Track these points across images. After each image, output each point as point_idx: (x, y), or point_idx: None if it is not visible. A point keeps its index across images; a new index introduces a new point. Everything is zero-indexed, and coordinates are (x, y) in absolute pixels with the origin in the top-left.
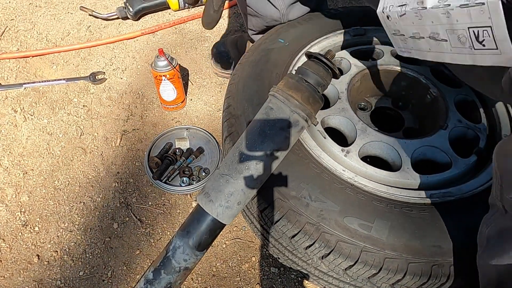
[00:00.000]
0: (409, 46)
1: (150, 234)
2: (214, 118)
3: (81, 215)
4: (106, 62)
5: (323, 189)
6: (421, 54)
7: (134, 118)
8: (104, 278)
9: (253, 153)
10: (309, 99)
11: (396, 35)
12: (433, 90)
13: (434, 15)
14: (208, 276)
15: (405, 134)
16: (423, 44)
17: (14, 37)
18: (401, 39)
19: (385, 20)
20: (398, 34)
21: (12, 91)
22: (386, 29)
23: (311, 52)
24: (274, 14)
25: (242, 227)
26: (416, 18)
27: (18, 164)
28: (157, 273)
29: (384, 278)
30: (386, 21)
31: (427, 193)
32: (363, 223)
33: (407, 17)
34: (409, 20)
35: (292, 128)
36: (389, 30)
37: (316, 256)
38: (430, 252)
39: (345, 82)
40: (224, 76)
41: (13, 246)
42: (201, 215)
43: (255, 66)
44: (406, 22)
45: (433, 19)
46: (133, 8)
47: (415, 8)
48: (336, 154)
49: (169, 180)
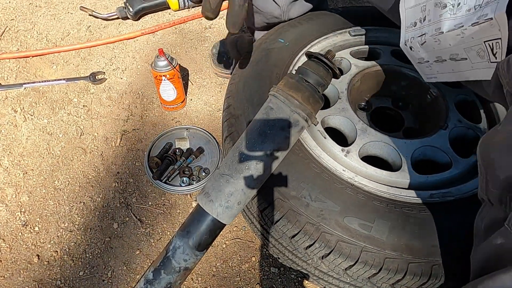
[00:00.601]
0: (434, 71)
1: (150, 234)
2: (214, 118)
3: (81, 215)
4: (106, 62)
5: (323, 189)
6: (446, 76)
7: (134, 118)
8: (104, 278)
9: (253, 153)
10: (309, 99)
11: (421, 63)
12: (433, 90)
13: (451, 37)
14: (208, 276)
15: (405, 134)
16: (446, 66)
17: (14, 37)
18: (426, 66)
19: (409, 51)
20: (423, 61)
21: (12, 91)
22: (411, 59)
23: (311, 52)
24: (275, 11)
25: (242, 227)
26: (436, 43)
27: (18, 164)
28: (157, 273)
29: (384, 278)
30: (410, 52)
31: (427, 193)
32: (363, 223)
33: (427, 44)
34: (430, 46)
35: (292, 128)
36: (414, 60)
37: (316, 256)
38: (430, 252)
39: (345, 82)
40: (224, 76)
41: (13, 246)
42: (201, 215)
43: (256, 66)
44: (428, 49)
45: (451, 41)
46: (133, 8)
47: (433, 35)
48: (336, 154)
49: (169, 180)
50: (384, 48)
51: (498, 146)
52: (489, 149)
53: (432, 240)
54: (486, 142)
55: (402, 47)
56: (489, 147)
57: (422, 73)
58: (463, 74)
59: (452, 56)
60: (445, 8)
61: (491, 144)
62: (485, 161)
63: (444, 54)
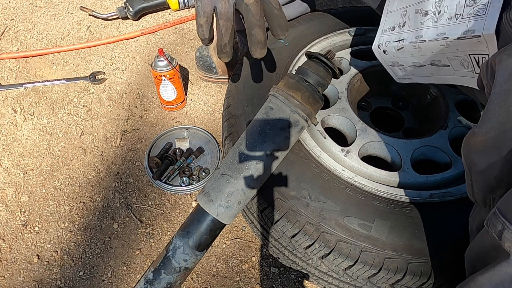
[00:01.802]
0: (409, 74)
1: (150, 234)
2: (214, 118)
3: (81, 215)
4: (106, 62)
5: (323, 189)
6: (423, 79)
7: (134, 118)
8: (104, 278)
9: (253, 153)
10: (309, 99)
11: (394, 66)
12: (433, 90)
13: (434, 46)
14: (208, 276)
15: (405, 134)
16: (424, 70)
17: (14, 37)
18: (400, 68)
19: (381, 54)
20: (397, 65)
21: (12, 91)
22: (383, 62)
23: (311, 52)
24: None
25: (242, 227)
26: (415, 50)
27: (18, 164)
28: (157, 273)
29: (384, 278)
30: (383, 55)
31: (427, 193)
32: (363, 223)
33: (405, 50)
34: (408, 52)
35: (292, 128)
36: (386, 63)
37: (316, 256)
38: (430, 252)
39: (345, 82)
40: (208, 80)
41: (13, 246)
42: (201, 215)
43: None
44: (405, 55)
45: (433, 50)
46: (133, 8)
47: (413, 42)
48: (336, 154)
49: (169, 180)
50: None
51: (477, 148)
52: (470, 151)
53: (432, 240)
54: (467, 143)
55: (375, 49)
56: (470, 149)
57: (394, 74)
58: (444, 78)
59: (434, 62)
60: (427, 15)
61: (471, 145)
62: (468, 162)
63: (424, 60)
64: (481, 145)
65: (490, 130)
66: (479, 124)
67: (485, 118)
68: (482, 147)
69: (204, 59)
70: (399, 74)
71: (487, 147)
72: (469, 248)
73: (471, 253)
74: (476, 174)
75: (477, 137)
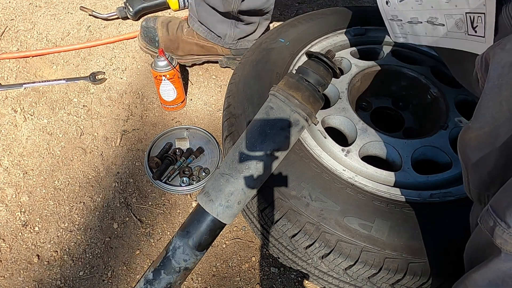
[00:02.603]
0: (406, 31)
1: (150, 234)
2: (214, 118)
3: (81, 215)
4: (106, 62)
5: (324, 189)
6: (416, 39)
7: (134, 118)
8: (104, 278)
9: (253, 152)
10: (310, 99)
11: (393, 21)
12: (434, 90)
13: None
14: (208, 276)
15: (405, 134)
16: (420, 28)
17: (14, 37)
18: (398, 24)
19: (384, 5)
20: (396, 19)
21: (12, 91)
22: (384, 14)
23: (311, 51)
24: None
25: (242, 227)
26: (417, 3)
27: (18, 164)
28: (157, 273)
29: (384, 278)
30: (385, 6)
31: (427, 193)
32: (363, 223)
33: (407, 2)
34: (409, 5)
35: (293, 127)
36: (386, 15)
37: (316, 256)
38: (430, 252)
39: (345, 82)
40: (147, 52)
41: (13, 246)
42: (201, 215)
43: (256, 65)
44: (406, 7)
45: (433, 4)
46: (133, 8)
47: None
48: (337, 153)
49: (169, 180)
50: (384, 48)
51: (472, 143)
52: (465, 146)
53: (432, 240)
54: (462, 138)
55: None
56: (465, 144)
57: (391, 31)
58: (435, 40)
59: (430, 20)
60: None
61: (466, 141)
62: (464, 158)
63: (422, 16)
64: (476, 141)
65: (484, 125)
66: (473, 119)
67: (478, 113)
68: (477, 143)
69: (149, 30)
70: (396, 31)
71: (482, 143)
72: (467, 245)
73: (468, 250)
74: (471, 170)
75: (472, 132)
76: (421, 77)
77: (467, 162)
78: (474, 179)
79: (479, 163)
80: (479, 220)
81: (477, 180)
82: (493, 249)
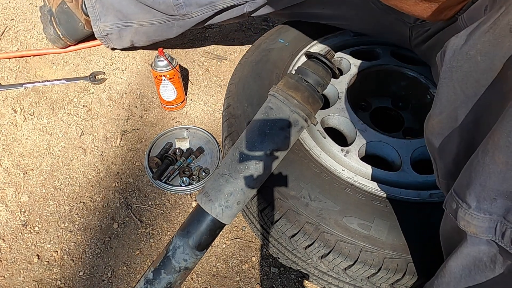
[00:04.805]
0: None
1: (150, 234)
2: (214, 118)
3: (81, 215)
4: (106, 62)
5: (323, 189)
6: None
7: (134, 118)
8: (104, 278)
9: (253, 152)
10: (309, 99)
11: None
12: (433, 90)
13: None
14: (208, 276)
15: (405, 134)
16: None
17: (14, 37)
18: None
19: None
20: None
21: (12, 91)
22: None
23: (310, 52)
24: None
25: (242, 227)
26: None
27: (18, 164)
28: (157, 273)
29: (384, 278)
30: None
31: (426, 193)
32: (362, 223)
33: None
34: None
35: (292, 128)
36: None
37: (315, 256)
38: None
39: (345, 82)
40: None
41: (13, 246)
42: (201, 215)
43: (255, 66)
44: None
45: None
46: None
47: None
48: (336, 154)
49: (169, 180)
50: (383, 48)
51: (435, 130)
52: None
53: (432, 240)
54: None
55: None
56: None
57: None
58: None
59: None
60: None
61: (429, 128)
62: (430, 147)
63: None
64: (438, 127)
65: (443, 110)
66: (433, 106)
67: (436, 99)
68: (439, 129)
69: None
70: None
71: (443, 128)
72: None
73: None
74: (438, 159)
75: (433, 119)
76: (421, 77)
77: (433, 151)
78: (441, 168)
79: (443, 150)
80: (444, 205)
81: (444, 170)
82: (461, 234)
